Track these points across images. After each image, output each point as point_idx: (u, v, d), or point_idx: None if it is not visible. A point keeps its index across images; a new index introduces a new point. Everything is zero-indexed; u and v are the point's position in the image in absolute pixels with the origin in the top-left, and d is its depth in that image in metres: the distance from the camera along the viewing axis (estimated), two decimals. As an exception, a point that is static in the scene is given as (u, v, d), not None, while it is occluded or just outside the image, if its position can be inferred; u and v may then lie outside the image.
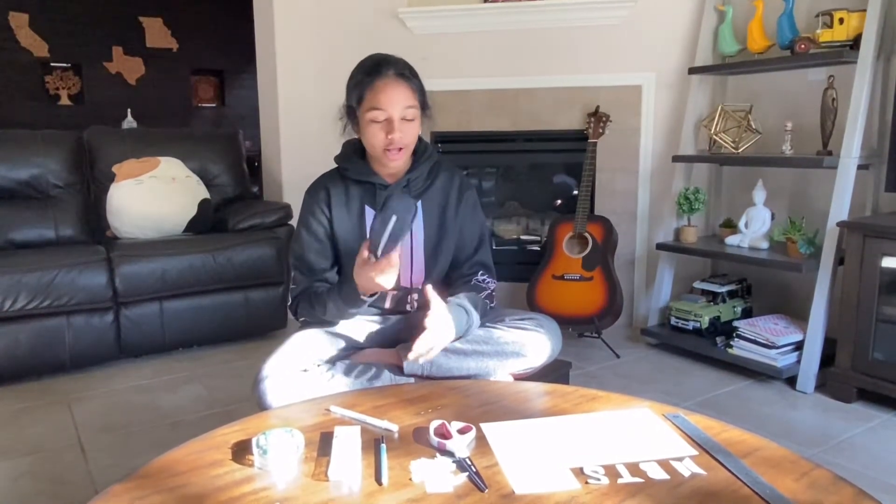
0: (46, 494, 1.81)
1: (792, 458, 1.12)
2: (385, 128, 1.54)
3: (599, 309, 2.87)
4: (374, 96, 1.53)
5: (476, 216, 1.75)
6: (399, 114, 1.53)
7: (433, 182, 1.69)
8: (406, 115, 1.54)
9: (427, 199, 1.68)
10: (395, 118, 1.53)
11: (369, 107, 1.53)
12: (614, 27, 3.15)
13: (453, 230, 1.70)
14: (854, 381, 2.35)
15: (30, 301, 2.52)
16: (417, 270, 1.68)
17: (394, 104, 1.52)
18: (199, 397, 2.47)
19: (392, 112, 1.53)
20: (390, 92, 1.53)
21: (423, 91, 1.61)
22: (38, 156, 3.01)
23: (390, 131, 1.53)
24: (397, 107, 1.53)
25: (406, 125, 1.55)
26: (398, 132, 1.53)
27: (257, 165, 4.16)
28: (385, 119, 1.53)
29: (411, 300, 1.71)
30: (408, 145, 1.58)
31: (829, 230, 2.46)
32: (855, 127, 2.42)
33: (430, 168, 1.69)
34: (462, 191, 1.72)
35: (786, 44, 2.62)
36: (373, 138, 1.56)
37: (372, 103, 1.53)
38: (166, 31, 6.62)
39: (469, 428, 1.20)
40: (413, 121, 1.57)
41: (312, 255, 1.66)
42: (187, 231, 3.11)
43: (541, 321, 1.65)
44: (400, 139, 1.54)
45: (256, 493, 1.03)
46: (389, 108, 1.52)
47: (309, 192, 1.70)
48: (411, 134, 1.58)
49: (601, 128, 3.06)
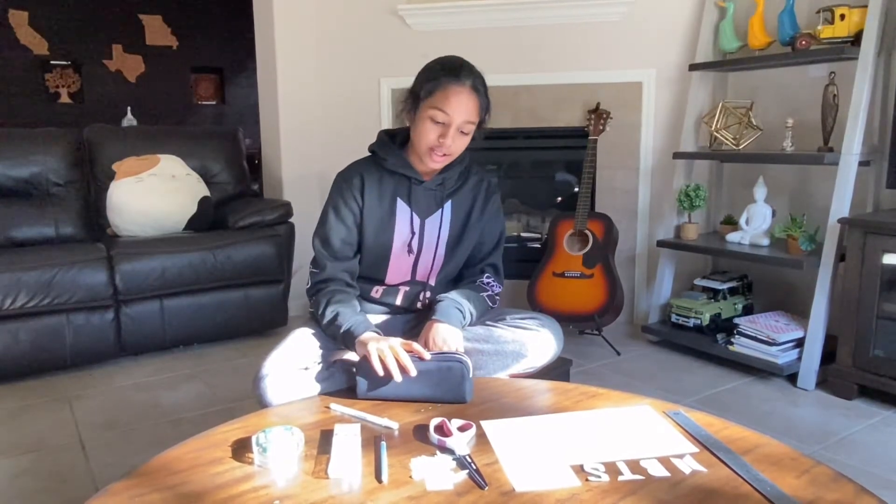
0: (47, 492, 1.81)
1: (793, 454, 1.12)
2: (440, 130, 1.52)
3: (600, 306, 2.87)
4: (444, 97, 1.51)
5: (498, 220, 1.75)
6: (459, 124, 1.52)
7: (464, 183, 1.69)
8: (464, 128, 1.53)
9: (457, 199, 1.68)
10: (453, 125, 1.52)
11: (435, 105, 1.51)
12: (615, 23, 3.15)
13: (475, 231, 1.70)
14: (855, 378, 2.35)
15: (30, 299, 2.52)
16: (436, 266, 1.69)
17: (459, 113, 1.51)
18: (199, 395, 2.47)
19: (454, 119, 1.51)
20: (462, 100, 1.51)
21: (489, 108, 1.60)
22: (38, 154, 3.00)
23: (444, 136, 1.52)
24: (461, 117, 1.52)
25: (459, 137, 1.54)
26: (451, 140, 1.53)
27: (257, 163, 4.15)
28: (444, 122, 1.52)
29: (423, 298, 1.71)
30: (454, 154, 1.58)
31: (830, 227, 2.45)
32: (856, 123, 2.42)
33: (462, 169, 1.69)
34: (489, 194, 1.73)
35: (787, 40, 2.62)
36: (426, 134, 1.54)
37: (439, 103, 1.51)
38: (166, 28, 6.61)
39: (469, 425, 1.20)
40: (467, 135, 1.56)
41: (338, 241, 1.62)
42: (187, 229, 3.11)
43: (543, 321, 1.65)
44: (449, 147, 1.53)
45: (256, 491, 1.03)
46: (454, 115, 1.51)
47: (343, 176, 1.66)
48: (461, 146, 1.57)
49: (602, 125, 3.05)
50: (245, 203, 3.29)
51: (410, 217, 1.63)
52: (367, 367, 1.35)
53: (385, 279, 1.67)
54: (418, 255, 1.65)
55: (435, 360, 1.36)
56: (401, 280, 1.68)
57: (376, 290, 1.70)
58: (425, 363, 1.36)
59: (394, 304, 1.72)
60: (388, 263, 1.64)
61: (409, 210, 1.62)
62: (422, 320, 1.73)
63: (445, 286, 1.73)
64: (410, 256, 1.65)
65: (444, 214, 1.65)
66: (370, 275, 1.68)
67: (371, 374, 1.35)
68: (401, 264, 1.65)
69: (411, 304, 1.72)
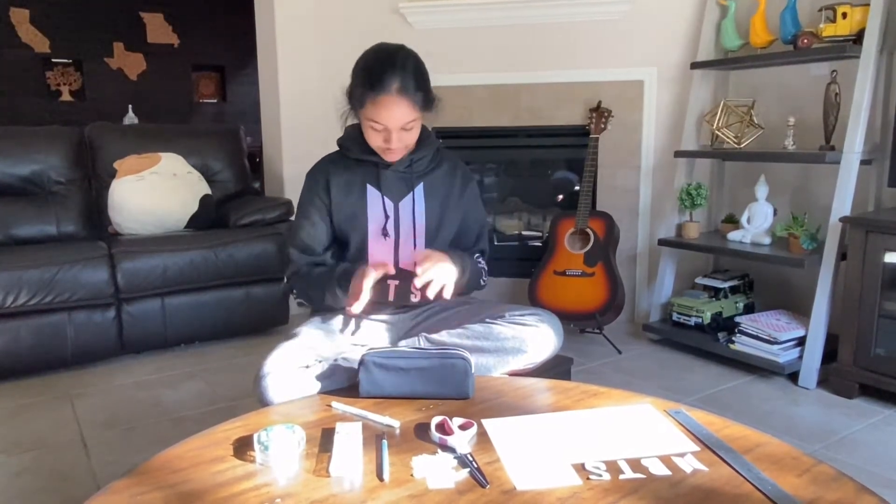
0: (48, 490, 1.81)
1: (794, 454, 1.12)
2: (383, 135, 1.55)
3: (601, 305, 2.87)
4: (374, 110, 1.51)
5: (478, 207, 1.79)
6: (397, 129, 1.53)
7: (437, 167, 1.72)
8: (406, 126, 1.54)
9: (429, 183, 1.69)
10: (392, 131, 1.54)
11: (368, 116, 1.53)
12: (616, 22, 3.14)
13: (455, 216, 1.73)
14: (856, 377, 2.35)
15: (31, 297, 2.52)
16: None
17: (393, 121, 1.52)
18: (200, 393, 2.47)
19: (390, 126, 1.53)
20: (391, 109, 1.50)
21: (428, 94, 1.57)
22: (39, 152, 3.01)
23: (388, 140, 1.55)
24: (396, 123, 1.52)
25: (405, 133, 1.56)
26: (395, 141, 1.55)
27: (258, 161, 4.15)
28: (382, 129, 1.54)
29: (415, 291, 1.71)
30: (409, 147, 1.61)
31: (832, 225, 2.45)
32: (858, 122, 2.41)
33: (433, 153, 1.71)
34: (466, 181, 1.76)
35: (788, 38, 2.61)
36: (371, 138, 1.58)
37: (371, 115, 1.52)
38: (167, 26, 6.62)
39: (470, 424, 1.20)
40: (412, 129, 1.57)
41: (305, 237, 1.69)
42: (189, 227, 3.11)
43: (542, 316, 1.64)
44: (398, 145, 1.56)
45: (258, 489, 1.03)
46: (388, 123, 1.52)
47: (309, 174, 1.72)
48: (410, 139, 1.59)
49: (603, 123, 3.05)
50: (246, 201, 3.29)
51: (382, 201, 1.66)
52: (368, 368, 1.35)
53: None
54: (398, 241, 1.67)
55: (437, 356, 1.37)
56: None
57: None
58: (428, 360, 1.36)
59: (386, 301, 1.71)
60: (367, 251, 1.67)
61: (380, 195, 1.66)
62: (423, 316, 1.73)
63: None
64: (388, 241, 1.66)
65: (417, 197, 1.67)
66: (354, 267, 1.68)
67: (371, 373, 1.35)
68: (381, 250, 1.67)
69: (404, 300, 1.72)
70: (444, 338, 1.61)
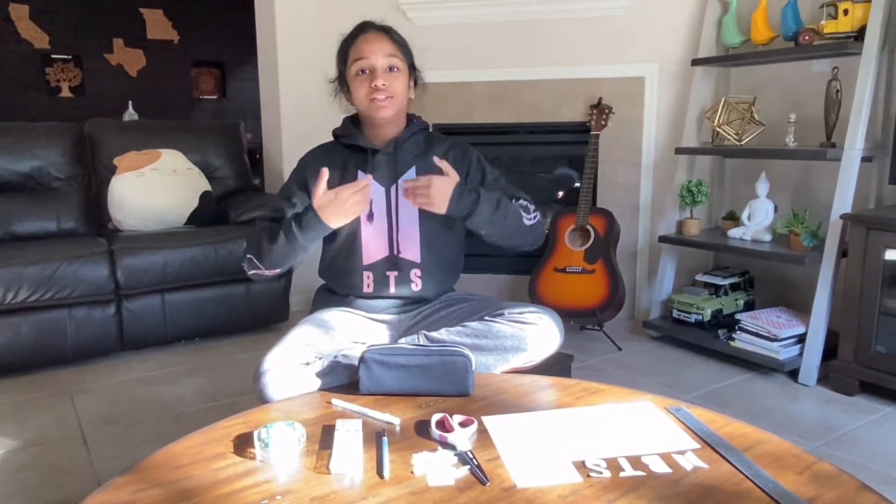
0: (49, 486, 1.81)
1: (794, 451, 1.12)
2: (370, 78, 1.60)
3: (601, 301, 2.87)
4: (356, 49, 1.62)
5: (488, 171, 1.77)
6: (382, 63, 1.60)
7: (429, 149, 1.72)
8: (390, 63, 1.61)
9: (424, 166, 1.69)
10: (378, 67, 1.60)
11: (353, 59, 1.61)
12: (617, 18, 3.13)
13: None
14: (856, 374, 2.35)
15: (32, 293, 2.52)
16: (416, 240, 1.69)
17: (376, 52, 1.60)
18: (201, 390, 2.47)
19: (375, 61, 1.60)
20: (372, 42, 1.61)
21: (408, 49, 1.68)
22: (39, 148, 3.00)
23: (374, 80, 1.59)
24: (380, 55, 1.60)
25: (390, 76, 1.61)
26: (381, 80, 1.59)
27: (258, 157, 4.14)
28: (369, 70, 1.60)
29: (415, 277, 1.71)
30: (395, 95, 1.62)
31: (833, 223, 2.45)
32: (859, 119, 2.41)
33: (423, 137, 1.74)
34: (463, 154, 1.75)
35: (790, 35, 2.61)
36: (359, 89, 1.62)
37: (356, 55, 1.61)
38: (167, 22, 6.60)
39: (471, 421, 1.20)
40: (398, 74, 1.62)
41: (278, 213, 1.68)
42: (189, 223, 3.11)
43: (542, 313, 1.64)
44: (384, 87, 1.59)
45: (258, 486, 1.03)
46: (372, 57, 1.60)
47: (301, 159, 1.76)
48: (398, 87, 1.63)
49: (604, 120, 3.04)
50: (246, 198, 3.29)
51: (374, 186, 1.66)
52: (369, 365, 1.35)
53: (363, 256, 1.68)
54: (391, 227, 1.67)
55: (437, 353, 1.37)
56: (380, 255, 1.68)
57: (367, 284, 1.69)
58: (429, 357, 1.36)
59: (388, 294, 1.71)
60: (360, 239, 1.67)
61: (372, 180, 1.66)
62: (423, 315, 1.72)
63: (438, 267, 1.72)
64: (382, 227, 1.67)
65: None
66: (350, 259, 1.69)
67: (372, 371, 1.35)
68: (373, 235, 1.67)
69: (406, 289, 1.71)
70: (444, 336, 1.60)
